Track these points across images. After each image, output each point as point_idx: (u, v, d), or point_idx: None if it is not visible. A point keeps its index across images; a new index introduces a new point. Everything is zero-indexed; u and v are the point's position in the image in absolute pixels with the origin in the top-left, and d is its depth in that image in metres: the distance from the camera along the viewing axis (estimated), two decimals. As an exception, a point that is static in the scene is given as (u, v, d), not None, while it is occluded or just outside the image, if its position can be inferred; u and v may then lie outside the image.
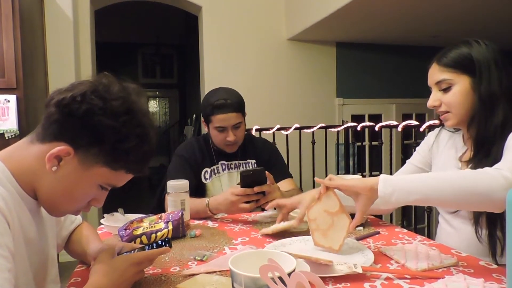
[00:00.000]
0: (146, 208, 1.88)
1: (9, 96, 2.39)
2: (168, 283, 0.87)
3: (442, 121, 1.18)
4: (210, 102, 1.61)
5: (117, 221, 1.31)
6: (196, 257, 1.02)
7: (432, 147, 1.30)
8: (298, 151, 3.34)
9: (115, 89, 0.77)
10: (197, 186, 1.63)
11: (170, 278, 0.90)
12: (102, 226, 1.35)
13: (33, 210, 0.81)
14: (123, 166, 0.79)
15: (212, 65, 3.89)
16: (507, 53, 1.62)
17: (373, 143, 3.43)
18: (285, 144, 3.26)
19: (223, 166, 1.71)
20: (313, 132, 3.28)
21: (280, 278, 0.58)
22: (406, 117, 4.40)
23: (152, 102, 9.52)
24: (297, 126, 3.29)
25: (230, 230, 1.30)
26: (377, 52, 4.41)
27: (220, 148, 1.70)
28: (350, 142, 3.96)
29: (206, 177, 1.68)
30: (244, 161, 1.74)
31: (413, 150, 1.38)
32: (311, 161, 3.35)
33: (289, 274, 0.57)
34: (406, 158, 1.41)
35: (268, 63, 4.01)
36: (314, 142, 3.33)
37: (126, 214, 1.38)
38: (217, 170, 1.70)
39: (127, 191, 2.58)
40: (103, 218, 1.34)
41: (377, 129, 2.82)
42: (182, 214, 1.22)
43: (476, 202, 0.86)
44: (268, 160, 1.74)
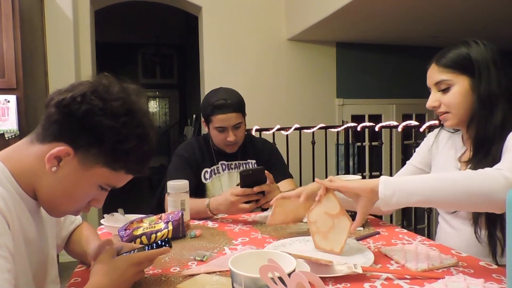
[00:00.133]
0: (146, 208, 1.88)
1: (9, 96, 2.39)
2: (168, 283, 0.87)
3: (441, 121, 1.18)
4: (211, 102, 1.61)
5: (117, 221, 1.31)
6: (196, 257, 1.02)
7: (431, 148, 1.30)
8: (298, 152, 3.34)
9: (115, 89, 0.77)
10: (197, 186, 1.63)
11: (170, 278, 0.90)
12: (102, 226, 1.35)
13: (33, 210, 0.81)
14: (123, 166, 0.79)
15: (212, 65, 3.89)
16: (507, 53, 1.63)
17: (373, 144, 3.43)
18: (285, 144, 3.26)
19: (223, 166, 1.71)
20: (313, 132, 3.28)
21: (280, 279, 0.58)
22: (406, 117, 4.40)
23: (152, 102, 9.52)
24: (297, 126, 3.29)
25: (230, 230, 1.30)
26: (377, 52, 4.41)
27: (220, 148, 1.70)
28: (350, 142, 3.96)
29: (206, 177, 1.68)
30: (244, 161, 1.74)
31: (413, 151, 1.38)
32: (311, 161, 3.35)
33: (289, 275, 0.57)
34: (406, 158, 1.41)
35: (268, 63, 4.01)
36: (314, 143, 3.33)
37: (126, 214, 1.38)
38: (217, 170, 1.70)
39: (127, 191, 2.58)
40: (103, 218, 1.34)
41: (377, 129, 2.82)
42: (182, 215, 1.22)
43: (477, 203, 0.86)
44: (268, 160, 1.73)
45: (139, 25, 7.23)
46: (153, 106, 9.51)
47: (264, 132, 3.25)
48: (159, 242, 0.90)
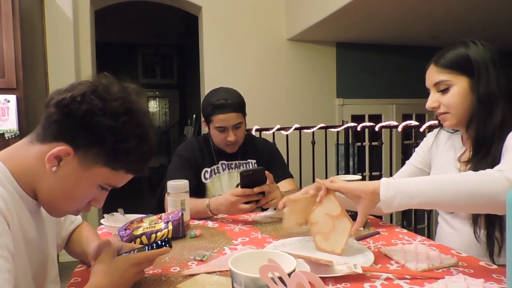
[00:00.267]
0: (146, 208, 1.88)
1: (9, 96, 2.39)
2: (168, 283, 0.87)
3: (440, 121, 1.18)
4: (211, 102, 1.61)
5: (117, 221, 1.31)
6: (196, 257, 1.02)
7: (431, 148, 1.30)
8: (298, 151, 3.34)
9: (115, 89, 0.77)
10: (197, 186, 1.63)
11: (170, 278, 0.90)
12: (102, 226, 1.35)
13: (33, 210, 0.81)
14: (123, 166, 0.79)
15: (212, 65, 3.90)
16: (507, 53, 1.63)
17: (373, 144, 3.43)
18: (285, 144, 3.26)
19: (223, 166, 1.71)
20: (313, 132, 3.28)
21: (280, 278, 0.58)
22: (406, 117, 4.40)
23: (152, 102, 9.51)
24: (297, 126, 3.29)
25: (230, 230, 1.30)
26: (377, 52, 4.41)
27: (220, 148, 1.70)
28: (350, 142, 3.96)
29: (206, 177, 1.68)
30: (244, 161, 1.74)
31: (413, 151, 1.38)
32: (311, 161, 3.35)
33: (289, 274, 0.57)
34: (406, 158, 1.41)
35: (268, 63, 4.01)
36: (314, 142, 3.33)
37: (126, 214, 1.38)
38: (217, 170, 1.70)
39: (127, 191, 2.58)
40: (103, 218, 1.34)
41: (377, 129, 2.82)
42: (182, 214, 1.22)
43: (480, 204, 0.86)
44: (268, 160, 1.73)
45: (139, 25, 7.23)
46: (153, 106, 9.50)
47: (264, 132, 3.25)
48: (159, 242, 0.90)
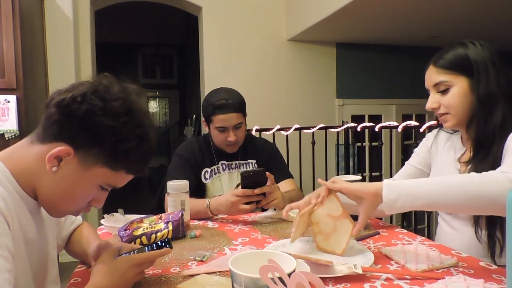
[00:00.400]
0: (146, 208, 1.88)
1: (9, 96, 2.39)
2: (168, 284, 0.87)
3: (440, 122, 1.17)
4: (211, 102, 1.61)
5: (117, 221, 1.31)
6: (196, 257, 1.02)
7: (431, 148, 1.30)
8: (298, 152, 3.34)
9: (115, 89, 0.77)
10: (197, 186, 1.63)
11: (170, 279, 0.90)
12: (102, 226, 1.35)
13: (33, 210, 0.81)
14: (123, 166, 0.79)
15: (212, 65, 3.89)
16: (507, 53, 1.63)
17: (373, 144, 3.43)
18: (285, 144, 3.26)
19: (224, 166, 1.71)
20: (313, 132, 3.28)
21: (280, 279, 0.58)
22: (406, 117, 4.40)
23: (152, 102, 9.52)
24: (297, 126, 3.29)
25: (230, 230, 1.30)
26: (377, 52, 4.41)
27: (220, 148, 1.70)
28: (350, 142, 3.96)
29: (206, 177, 1.68)
30: (244, 161, 1.74)
31: (413, 151, 1.38)
32: (311, 161, 3.35)
33: (289, 275, 0.57)
34: (406, 158, 1.41)
35: (268, 64, 4.01)
36: (314, 143, 3.33)
37: (126, 215, 1.38)
38: (217, 170, 1.70)
39: (127, 191, 2.58)
40: (103, 218, 1.34)
41: (377, 129, 2.82)
42: (182, 215, 1.22)
43: (483, 206, 0.85)
44: (268, 160, 1.74)
45: (139, 25, 7.23)
46: (153, 106, 9.50)
47: (264, 132, 3.25)
48: (159, 242, 0.90)
